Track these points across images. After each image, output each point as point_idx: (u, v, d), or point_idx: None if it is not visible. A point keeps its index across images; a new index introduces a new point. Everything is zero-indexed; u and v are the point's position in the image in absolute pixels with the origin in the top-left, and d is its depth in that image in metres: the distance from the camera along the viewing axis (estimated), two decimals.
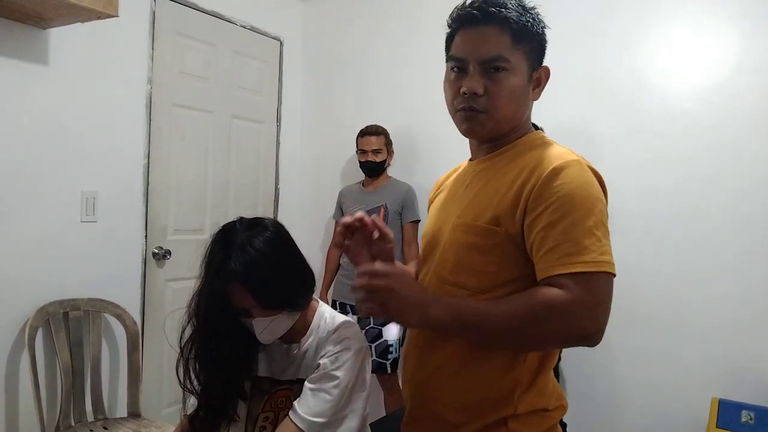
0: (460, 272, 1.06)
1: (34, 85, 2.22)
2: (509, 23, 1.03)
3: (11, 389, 2.18)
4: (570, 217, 0.95)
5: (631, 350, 2.49)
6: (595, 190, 1.00)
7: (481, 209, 1.06)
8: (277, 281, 1.16)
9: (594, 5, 2.59)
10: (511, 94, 1.06)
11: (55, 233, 2.29)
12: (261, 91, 3.28)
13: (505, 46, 1.04)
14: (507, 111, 1.07)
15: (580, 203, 0.96)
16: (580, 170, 1.00)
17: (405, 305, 0.96)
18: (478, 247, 1.04)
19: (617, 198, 2.50)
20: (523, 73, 1.06)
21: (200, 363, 1.22)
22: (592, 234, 0.94)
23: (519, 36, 1.04)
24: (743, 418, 2.10)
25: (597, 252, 0.93)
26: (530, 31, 1.05)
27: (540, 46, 1.10)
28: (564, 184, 0.97)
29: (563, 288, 0.92)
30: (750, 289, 2.24)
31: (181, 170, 2.84)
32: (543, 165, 1.01)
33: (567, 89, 2.61)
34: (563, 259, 0.93)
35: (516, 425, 1.02)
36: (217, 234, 1.21)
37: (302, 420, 1.14)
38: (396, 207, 2.90)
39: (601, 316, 0.93)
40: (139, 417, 2.38)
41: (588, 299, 0.92)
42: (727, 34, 2.32)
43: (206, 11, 2.92)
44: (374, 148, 2.90)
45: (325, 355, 1.21)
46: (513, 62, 1.04)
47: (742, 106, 2.28)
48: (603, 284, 0.94)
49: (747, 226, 2.26)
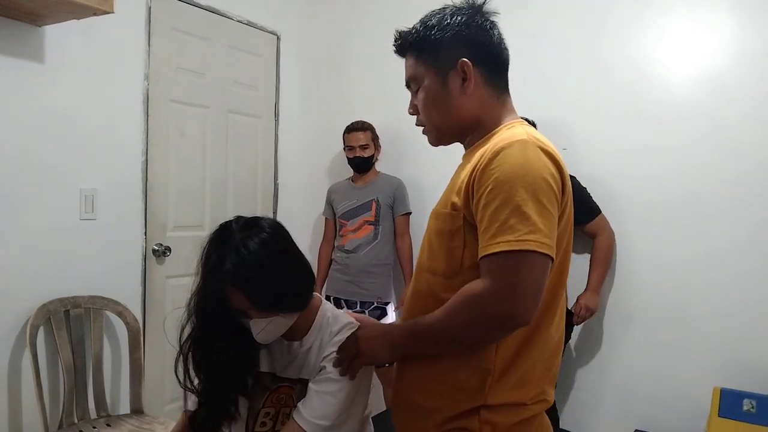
0: (432, 258, 1.11)
1: (31, 83, 2.21)
2: (412, 47, 1.15)
3: (14, 388, 2.18)
4: (501, 197, 0.95)
5: (630, 341, 2.50)
6: (534, 168, 0.96)
7: (446, 196, 1.11)
8: (272, 284, 1.15)
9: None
10: (428, 104, 1.15)
11: (55, 231, 2.29)
12: (258, 86, 3.27)
13: (413, 66, 1.16)
14: (438, 118, 1.15)
15: (514, 182, 0.95)
16: (522, 149, 0.98)
17: (372, 344, 1.13)
18: (444, 233, 1.08)
19: (615, 186, 2.52)
20: (431, 80, 1.13)
21: (200, 362, 1.22)
22: (521, 212, 0.93)
23: (419, 52, 1.14)
24: (745, 407, 2.11)
25: (523, 231, 0.92)
26: (430, 40, 1.12)
27: (454, 44, 1.11)
28: (501, 165, 0.97)
29: (485, 272, 0.95)
30: (749, 277, 2.25)
31: (180, 166, 2.83)
32: (488, 149, 1.02)
33: (566, 78, 2.60)
34: (489, 240, 0.94)
35: (488, 414, 1.03)
36: (214, 233, 1.20)
37: (307, 422, 1.14)
38: (387, 201, 2.93)
39: (519, 295, 0.92)
40: (141, 413, 2.38)
41: (504, 280, 0.92)
42: (725, 23, 2.31)
43: (202, 6, 2.91)
44: (361, 143, 2.93)
45: (329, 357, 1.20)
46: (420, 77, 1.14)
47: (739, 95, 2.28)
48: (526, 264, 0.92)
49: (745, 213, 2.26)
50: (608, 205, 2.49)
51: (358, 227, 2.95)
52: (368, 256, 2.90)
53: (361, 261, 2.90)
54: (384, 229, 2.92)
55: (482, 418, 1.03)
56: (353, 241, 2.93)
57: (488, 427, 1.03)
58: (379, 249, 2.91)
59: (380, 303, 2.89)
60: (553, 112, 2.60)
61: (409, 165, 3.09)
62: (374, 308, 2.87)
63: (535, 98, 2.47)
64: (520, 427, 1.05)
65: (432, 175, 3.00)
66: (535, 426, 1.09)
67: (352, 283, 2.92)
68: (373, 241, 2.91)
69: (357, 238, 2.93)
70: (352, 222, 2.96)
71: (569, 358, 2.63)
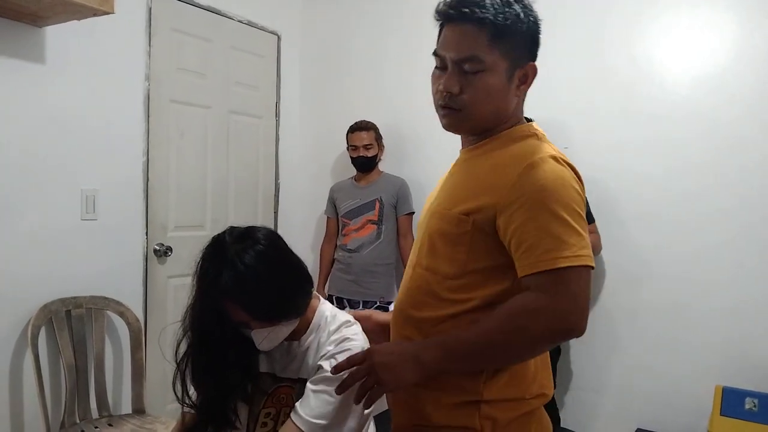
0: (433, 257, 1.10)
1: (32, 83, 2.21)
2: (485, 22, 1.00)
3: (15, 388, 2.18)
4: (546, 213, 0.96)
5: (632, 339, 2.49)
6: (567, 182, 0.99)
7: (456, 198, 1.08)
8: (271, 296, 1.14)
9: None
10: (486, 94, 1.04)
11: (56, 231, 2.29)
12: (259, 86, 3.27)
13: (481, 45, 1.02)
14: (483, 110, 1.06)
15: (557, 198, 0.96)
16: (552, 164, 1.00)
17: (395, 370, 0.99)
18: (448, 235, 1.06)
19: (616, 185, 2.52)
20: (500, 72, 1.04)
21: (198, 377, 1.21)
22: (571, 227, 0.96)
23: (498, 35, 1.01)
24: (747, 406, 2.10)
25: (577, 246, 0.95)
26: (512, 28, 1.02)
27: (527, 42, 1.06)
28: (538, 180, 0.97)
29: (542, 287, 0.95)
30: (750, 275, 2.25)
31: (181, 166, 2.83)
32: (518, 161, 1.01)
33: (566, 77, 2.60)
34: (545, 255, 0.94)
35: (488, 409, 1.03)
36: (208, 247, 1.17)
37: (304, 422, 1.14)
38: (391, 200, 2.93)
39: (578, 307, 0.95)
40: (143, 413, 2.38)
41: (568, 295, 0.94)
42: (724, 23, 2.32)
43: (203, 6, 2.91)
44: (365, 143, 2.93)
45: (326, 356, 1.19)
46: (489, 62, 1.02)
47: (739, 93, 2.28)
48: (583, 277, 0.95)
49: (745, 211, 2.26)
50: (608, 204, 2.49)
51: (361, 226, 2.95)
52: (371, 255, 2.91)
53: (363, 260, 2.91)
54: (387, 229, 2.93)
55: (483, 414, 1.03)
56: (356, 240, 2.94)
57: (489, 423, 1.03)
58: (382, 248, 2.92)
59: (383, 303, 2.89)
60: (553, 110, 2.59)
61: (410, 164, 3.09)
62: (377, 308, 2.86)
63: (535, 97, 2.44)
64: (520, 422, 1.06)
65: (434, 174, 3.00)
66: (535, 420, 1.09)
67: (355, 283, 2.92)
68: (376, 241, 2.91)
69: (360, 237, 2.93)
70: (355, 221, 2.96)
71: (570, 357, 2.63)
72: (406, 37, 3.11)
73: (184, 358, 1.21)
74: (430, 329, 1.07)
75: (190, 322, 1.19)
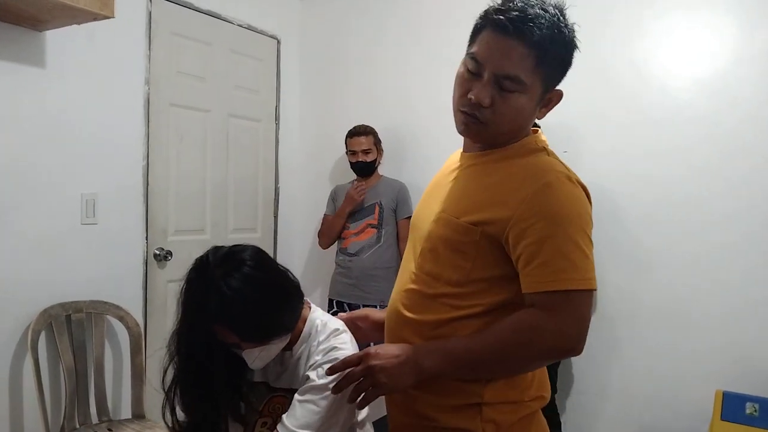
0: (437, 264, 1.09)
1: (32, 87, 2.21)
2: (538, 45, 0.98)
3: (15, 392, 2.18)
4: (561, 233, 0.97)
5: (632, 344, 2.49)
6: (583, 206, 1.02)
7: (464, 207, 1.07)
8: (260, 318, 1.13)
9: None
10: (517, 114, 1.04)
11: (56, 236, 2.29)
12: (258, 90, 3.27)
13: (526, 67, 0.99)
14: (508, 128, 1.06)
15: (571, 219, 0.99)
16: (570, 186, 1.02)
17: (393, 374, 1.00)
18: (455, 243, 1.06)
19: (617, 189, 2.52)
20: (535, 95, 1.04)
21: (188, 401, 1.19)
22: (582, 251, 0.98)
23: (543, 60, 0.99)
24: (748, 410, 2.10)
25: (585, 269, 0.98)
26: (558, 55, 1.02)
27: (562, 68, 1.06)
28: (554, 200, 0.99)
29: (549, 306, 0.97)
30: (752, 280, 2.24)
31: (181, 171, 2.83)
32: (533, 177, 1.01)
33: (568, 81, 2.59)
34: (555, 275, 0.96)
35: (489, 411, 1.04)
36: (191, 271, 1.15)
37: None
38: (390, 204, 2.93)
39: (583, 329, 0.98)
40: (143, 418, 2.38)
41: (574, 316, 0.97)
42: (724, 26, 2.32)
43: (202, 11, 2.91)
44: (364, 148, 2.93)
45: (313, 366, 1.18)
46: (528, 84, 1.01)
47: (740, 96, 2.28)
48: (586, 300, 0.99)
49: (747, 214, 2.26)
50: (609, 208, 2.49)
51: (360, 230, 2.95)
52: (371, 259, 2.90)
53: (363, 264, 2.90)
54: (387, 233, 2.92)
55: (484, 417, 1.04)
56: (356, 244, 2.93)
57: (491, 426, 1.04)
58: (382, 252, 2.91)
59: (383, 306, 2.87)
60: (555, 115, 2.58)
61: (409, 168, 3.09)
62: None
63: None
64: (521, 424, 1.07)
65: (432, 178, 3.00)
66: (535, 423, 1.11)
67: (356, 287, 2.92)
68: (376, 245, 2.91)
69: (360, 241, 2.93)
70: (354, 225, 2.96)
71: (570, 361, 2.62)
72: (404, 42, 3.12)
73: (172, 386, 1.19)
74: (430, 332, 1.07)
75: (177, 348, 1.17)
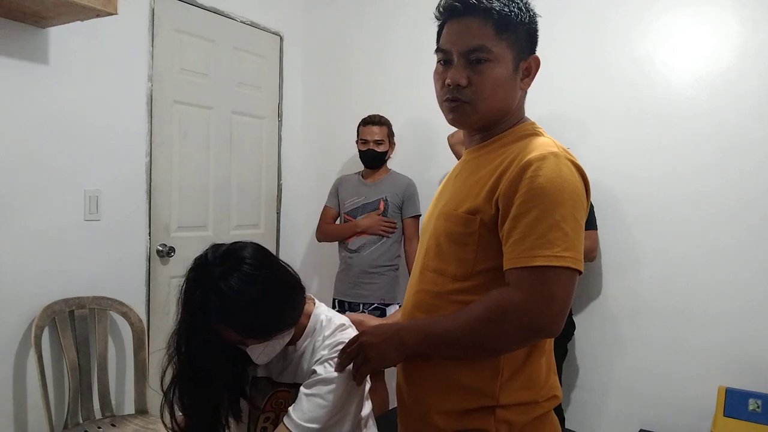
0: (439, 259, 1.09)
1: (35, 84, 2.22)
2: (492, 14, 1.03)
3: (19, 388, 2.19)
4: (538, 210, 0.95)
5: (635, 340, 2.49)
6: (569, 184, 0.98)
7: (462, 198, 1.08)
8: (262, 316, 1.13)
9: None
10: (495, 84, 1.05)
11: (59, 232, 2.30)
12: (261, 86, 3.28)
13: (488, 36, 1.03)
14: (492, 101, 1.07)
15: (551, 196, 0.96)
16: (556, 163, 0.99)
17: (380, 348, 1.07)
18: (456, 235, 1.06)
19: (620, 186, 2.51)
20: (507, 63, 1.05)
21: (188, 402, 1.18)
22: (559, 228, 0.94)
23: (503, 26, 1.03)
24: (750, 407, 2.10)
25: (561, 246, 0.94)
26: (515, 20, 1.04)
27: (528, 35, 1.08)
28: (536, 177, 0.97)
29: (519, 283, 0.95)
30: (755, 276, 2.24)
31: (184, 167, 2.84)
32: (520, 157, 1.01)
33: (570, 77, 2.60)
34: (526, 252, 0.95)
35: (504, 413, 1.03)
36: (191, 271, 1.14)
37: (297, 426, 1.12)
38: (396, 201, 2.86)
39: (555, 310, 0.94)
40: (146, 413, 2.39)
41: (542, 294, 0.94)
42: (727, 21, 2.31)
43: (205, 7, 2.92)
44: (376, 138, 2.86)
45: (320, 361, 1.18)
46: (496, 52, 1.04)
47: (743, 93, 2.27)
48: (562, 279, 0.94)
49: (749, 211, 2.25)
50: (611, 205, 2.48)
51: None
52: (372, 255, 2.83)
53: (364, 260, 2.84)
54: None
55: (498, 418, 1.02)
56: (358, 240, 2.86)
57: (505, 427, 1.03)
58: (384, 249, 2.84)
59: (381, 304, 2.84)
60: (556, 111, 2.59)
61: (413, 166, 3.06)
62: (374, 308, 2.82)
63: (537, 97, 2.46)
64: (534, 425, 1.06)
65: (439, 176, 3.00)
66: (548, 423, 1.09)
67: (355, 285, 2.86)
68: (378, 241, 2.83)
69: (362, 237, 2.85)
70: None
71: (573, 358, 2.62)
72: (408, 37, 3.11)
73: (171, 387, 1.18)
74: None
75: (177, 348, 1.16)
